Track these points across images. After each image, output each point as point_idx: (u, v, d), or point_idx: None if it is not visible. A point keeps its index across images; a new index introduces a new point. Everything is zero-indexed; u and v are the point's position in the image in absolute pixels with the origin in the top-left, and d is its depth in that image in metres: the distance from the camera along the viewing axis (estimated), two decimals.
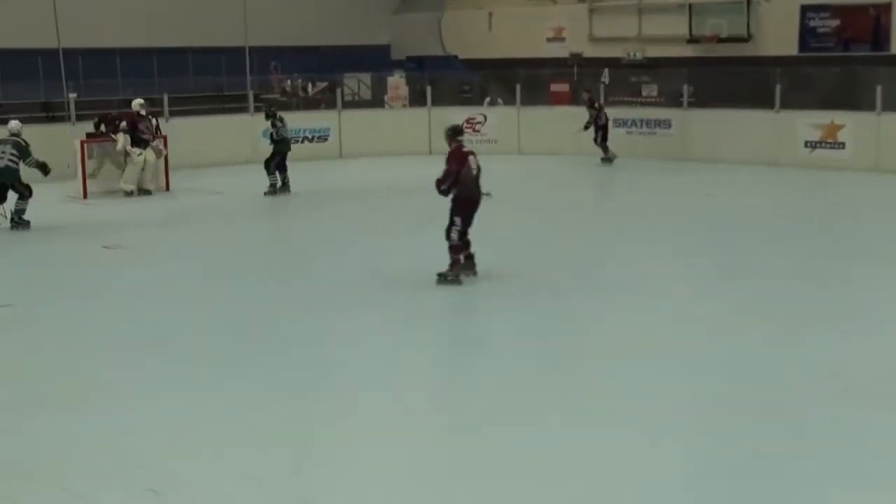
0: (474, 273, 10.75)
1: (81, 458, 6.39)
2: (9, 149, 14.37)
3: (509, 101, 24.34)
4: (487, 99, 25.20)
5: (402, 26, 31.74)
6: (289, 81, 28.96)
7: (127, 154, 17.39)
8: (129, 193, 17.43)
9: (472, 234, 10.66)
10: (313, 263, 12.40)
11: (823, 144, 20.08)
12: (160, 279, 11.63)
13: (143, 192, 17.63)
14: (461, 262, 10.63)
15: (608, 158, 21.08)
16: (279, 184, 17.27)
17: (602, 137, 21.02)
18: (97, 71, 25.39)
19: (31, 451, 6.49)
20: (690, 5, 26.72)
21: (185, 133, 19.88)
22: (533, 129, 23.43)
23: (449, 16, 31.07)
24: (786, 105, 20.61)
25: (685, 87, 22.30)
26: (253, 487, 5.91)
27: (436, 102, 24.14)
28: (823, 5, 25.29)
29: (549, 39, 29.75)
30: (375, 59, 30.42)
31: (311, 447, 6.57)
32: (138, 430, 6.81)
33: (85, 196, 17.37)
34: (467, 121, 23.93)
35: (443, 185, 10.58)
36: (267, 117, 17.77)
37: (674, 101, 23.07)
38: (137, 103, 17.85)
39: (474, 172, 10.73)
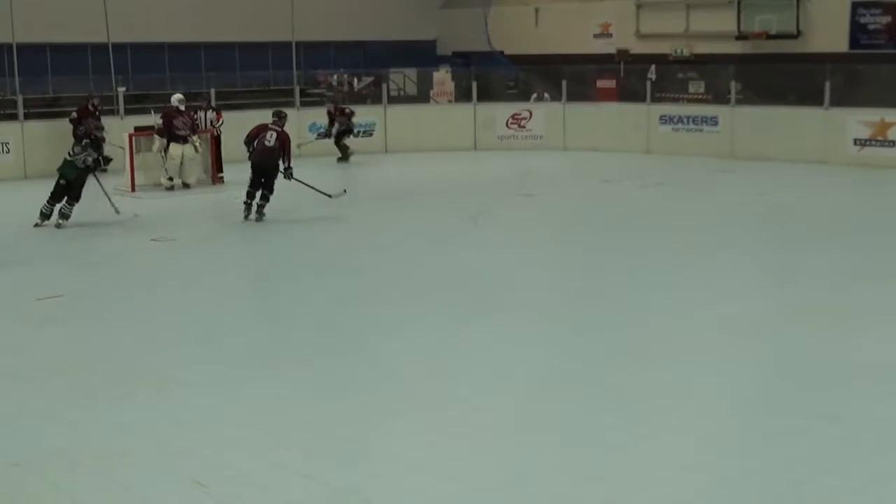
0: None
1: (129, 449, 6.44)
2: (91, 151, 14.41)
3: (555, 97, 24.28)
4: (535, 95, 25.14)
5: (449, 21, 31.72)
6: (335, 76, 29.04)
7: (163, 153, 17.61)
8: (169, 188, 17.60)
9: None
10: (363, 257, 12.43)
11: (873, 142, 19.83)
12: (209, 271, 11.73)
13: (185, 185, 17.83)
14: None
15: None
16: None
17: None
18: (145, 65, 25.63)
19: (79, 442, 6.56)
20: (739, 1, 26.47)
21: (231, 127, 19.97)
22: (578, 125, 23.35)
23: (495, 11, 31.01)
24: (835, 102, 20.39)
25: (733, 84, 22.11)
26: (300, 481, 5.93)
27: (481, 98, 24.13)
28: (874, 2, 24.93)
29: (595, 35, 29.60)
30: (421, 55, 30.43)
31: (361, 442, 6.58)
32: (186, 423, 6.86)
33: (133, 189, 17.53)
34: (512, 116, 23.94)
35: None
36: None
37: (721, 98, 22.88)
38: (176, 99, 18.00)
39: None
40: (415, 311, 9.71)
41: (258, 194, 14.23)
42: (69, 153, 14.29)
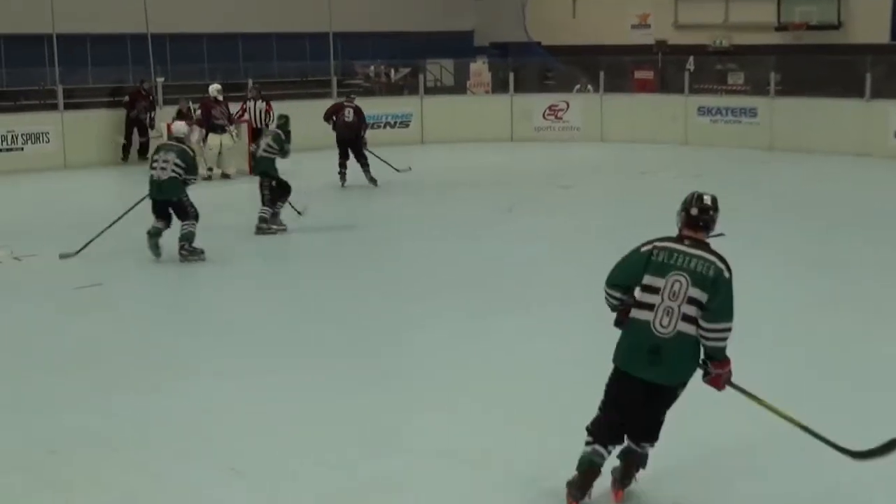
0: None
1: (164, 436, 6.50)
2: (172, 157, 11.41)
3: (592, 88, 24.19)
4: (578, 86, 25.05)
5: (486, 12, 31.65)
6: (371, 67, 29.07)
7: (203, 143, 17.69)
8: (207, 178, 17.70)
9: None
10: (396, 247, 12.46)
11: None
12: (243, 261, 11.78)
13: (223, 176, 17.92)
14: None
15: None
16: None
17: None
18: (184, 56, 25.77)
19: (115, 429, 6.62)
20: None
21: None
22: (616, 116, 23.23)
23: (533, 2, 30.91)
24: (876, 94, 20.15)
25: (772, 75, 21.90)
26: (332, 470, 5.96)
27: (518, 89, 24.06)
28: None
29: (633, 26, 29.46)
30: (458, 46, 30.39)
31: (392, 431, 6.60)
32: (221, 410, 6.90)
33: None
34: (549, 108, 23.86)
35: None
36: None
37: (760, 89, 22.68)
38: (214, 89, 18.09)
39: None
40: (446, 302, 9.70)
41: (346, 163, 16.88)
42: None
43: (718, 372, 5.21)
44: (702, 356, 5.21)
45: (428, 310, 9.47)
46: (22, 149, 19.18)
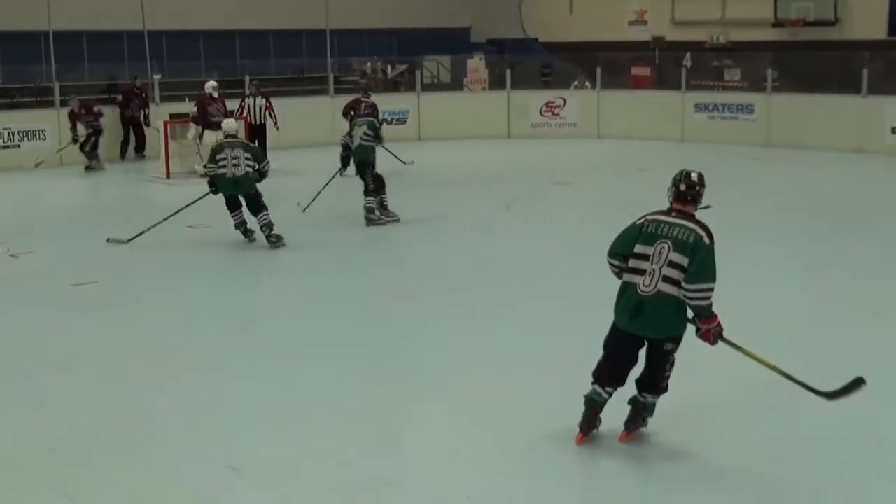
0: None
1: (165, 433, 6.50)
2: (240, 152, 11.95)
3: (591, 84, 24.21)
4: (575, 83, 25.05)
5: (483, 9, 31.66)
6: (368, 64, 29.07)
7: (199, 140, 17.66)
8: (204, 175, 17.63)
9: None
10: (396, 244, 12.46)
11: None
12: (243, 259, 11.78)
13: None
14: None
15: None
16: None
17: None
18: (180, 53, 25.77)
19: (115, 426, 6.62)
20: None
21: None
22: (613, 113, 23.23)
23: None
24: (873, 90, 20.15)
25: (769, 72, 21.90)
26: (333, 467, 5.96)
27: (515, 86, 24.05)
28: None
29: (630, 23, 29.48)
30: (455, 42, 30.41)
31: (394, 428, 6.61)
32: (222, 408, 6.91)
33: (168, 176, 17.63)
34: (546, 104, 23.85)
35: None
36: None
37: (757, 85, 22.69)
38: (210, 86, 18.06)
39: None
40: (447, 299, 9.71)
41: None
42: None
43: (707, 327, 5.87)
44: (690, 315, 5.86)
45: (427, 307, 9.47)
46: (19, 146, 19.16)
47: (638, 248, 5.96)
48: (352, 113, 17.23)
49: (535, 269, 11.03)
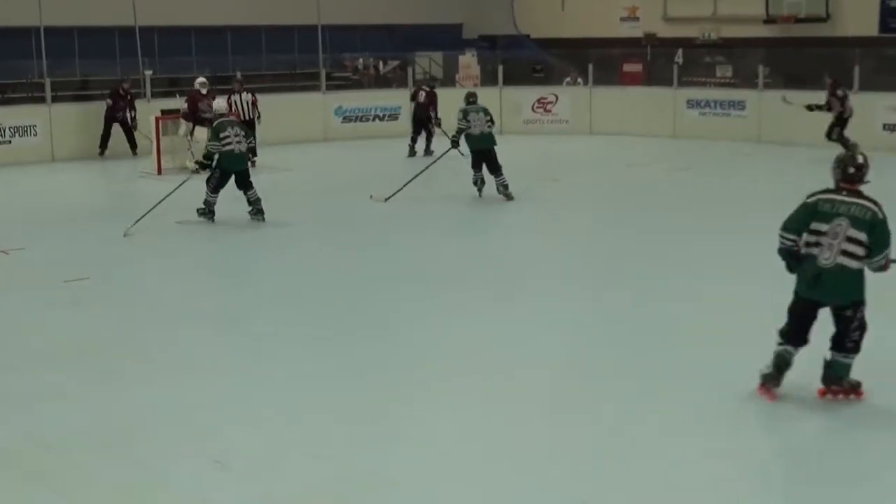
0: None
1: (151, 429, 6.50)
2: (239, 129, 13.05)
3: (583, 81, 24.23)
4: (568, 79, 25.02)
5: (475, 5, 31.63)
6: (360, 60, 29.04)
7: (190, 136, 17.62)
8: (195, 171, 17.61)
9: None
10: (388, 240, 12.44)
11: None
12: (235, 254, 11.77)
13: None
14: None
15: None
16: None
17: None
18: (172, 49, 25.72)
19: (102, 422, 6.62)
20: None
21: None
22: (605, 109, 23.25)
23: None
24: (864, 87, 20.18)
25: (760, 68, 21.93)
26: (322, 462, 5.96)
27: (507, 82, 24.05)
28: None
29: (622, 19, 29.48)
30: (447, 38, 30.39)
31: (384, 423, 6.61)
32: (209, 403, 6.91)
33: (159, 172, 17.60)
34: (538, 101, 23.86)
35: None
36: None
37: (748, 82, 22.72)
38: (199, 82, 18.03)
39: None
40: (438, 295, 9.71)
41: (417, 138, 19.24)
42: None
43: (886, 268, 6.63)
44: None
45: (419, 302, 9.47)
46: (9, 142, 19.13)
47: (814, 225, 6.61)
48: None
49: (527, 265, 11.03)
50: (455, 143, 15.17)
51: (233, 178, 12.92)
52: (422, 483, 5.72)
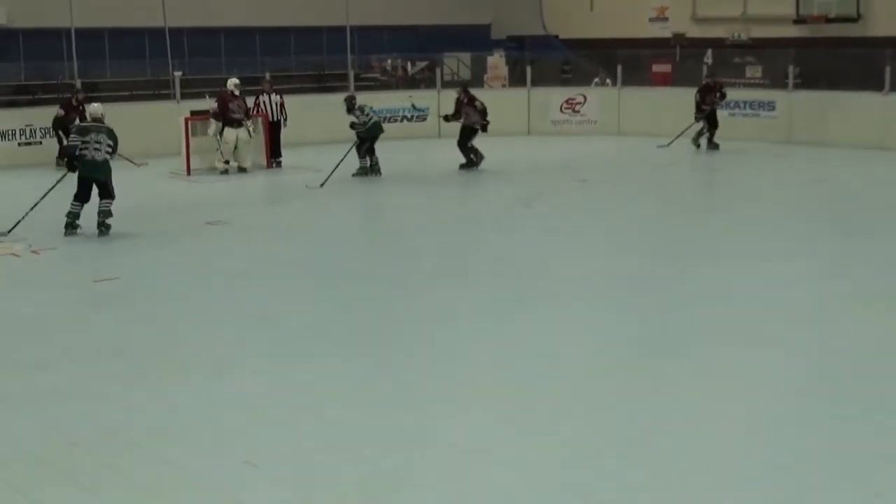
0: None
1: (182, 429, 6.52)
2: (104, 138, 12.30)
3: (611, 81, 24.16)
4: (596, 79, 24.96)
5: (503, 5, 31.60)
6: (389, 61, 29.08)
7: (219, 136, 17.67)
8: (224, 171, 17.71)
9: None
10: (414, 241, 12.46)
11: None
12: (263, 255, 11.81)
13: (240, 169, 17.94)
14: None
15: None
16: (369, 166, 17.29)
17: None
18: (201, 49, 25.84)
19: (133, 422, 6.64)
20: None
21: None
22: (633, 110, 23.18)
23: None
24: None
25: (790, 69, 21.80)
26: (350, 463, 5.96)
27: (535, 83, 24.02)
28: None
29: (651, 19, 29.36)
30: (475, 39, 30.37)
31: (411, 425, 6.60)
32: (240, 404, 6.92)
33: (188, 172, 17.69)
34: (566, 101, 23.82)
35: None
36: (349, 111, 17.45)
37: (778, 82, 22.59)
38: (232, 83, 18.09)
39: None
40: (465, 296, 9.70)
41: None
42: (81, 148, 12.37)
43: None
44: None
45: (443, 305, 9.46)
46: (41, 142, 19.27)
47: None
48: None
49: (554, 267, 11.01)
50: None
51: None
52: (448, 484, 5.71)
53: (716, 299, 9.45)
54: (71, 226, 12.50)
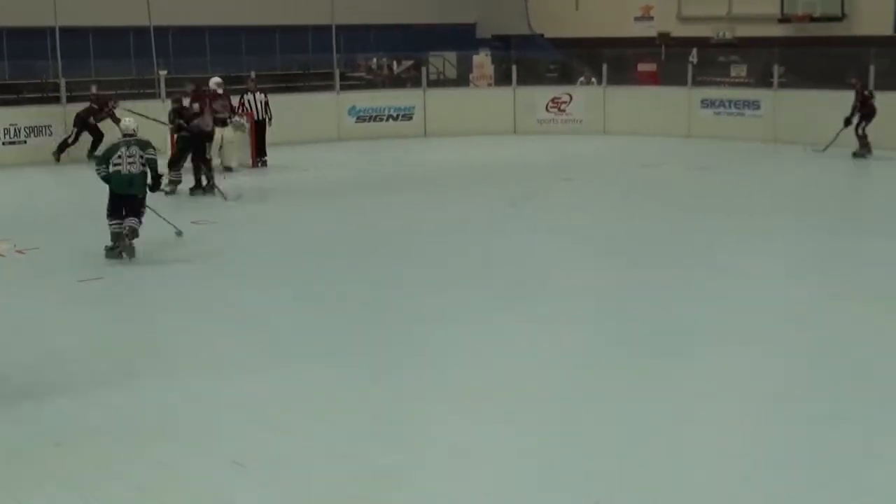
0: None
1: (171, 427, 6.51)
2: (136, 150, 11.27)
3: (595, 80, 24.18)
4: (581, 79, 24.97)
5: (489, 5, 31.59)
6: (374, 60, 29.04)
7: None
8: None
9: None
10: (403, 241, 12.43)
11: None
12: (250, 255, 11.77)
13: (226, 169, 17.85)
14: None
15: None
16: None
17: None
18: (186, 49, 25.74)
19: (122, 420, 6.62)
20: None
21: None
22: (619, 109, 23.21)
23: None
24: (880, 86, 20.06)
25: (775, 68, 21.85)
26: (341, 463, 5.95)
27: (521, 82, 24.02)
28: None
29: (636, 18, 29.38)
30: (461, 38, 30.34)
31: (403, 425, 6.60)
32: (229, 403, 6.91)
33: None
34: (552, 100, 23.83)
35: None
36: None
37: (763, 81, 22.64)
38: (214, 82, 17.99)
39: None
40: (454, 297, 9.69)
41: None
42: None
43: None
44: None
45: (433, 305, 9.46)
46: (25, 142, 19.18)
47: None
48: None
49: (541, 265, 11.01)
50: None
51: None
52: (441, 484, 5.71)
53: (706, 299, 9.47)
54: (115, 248, 11.21)
